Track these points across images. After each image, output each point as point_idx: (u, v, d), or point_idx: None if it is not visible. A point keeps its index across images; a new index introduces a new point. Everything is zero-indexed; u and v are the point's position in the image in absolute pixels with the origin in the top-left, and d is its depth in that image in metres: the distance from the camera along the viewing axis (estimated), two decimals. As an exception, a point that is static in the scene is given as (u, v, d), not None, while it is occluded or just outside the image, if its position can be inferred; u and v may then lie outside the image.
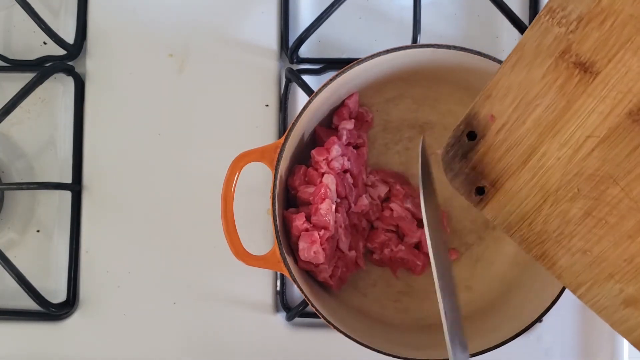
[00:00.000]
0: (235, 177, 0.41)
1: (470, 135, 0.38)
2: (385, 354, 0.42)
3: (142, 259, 0.52)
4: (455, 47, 0.41)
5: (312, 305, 0.42)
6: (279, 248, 0.42)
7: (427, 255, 0.48)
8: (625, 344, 0.49)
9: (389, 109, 0.50)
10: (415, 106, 0.50)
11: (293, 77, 0.50)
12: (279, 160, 0.42)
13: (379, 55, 0.41)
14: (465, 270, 0.50)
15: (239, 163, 0.42)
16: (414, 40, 0.47)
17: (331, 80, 0.41)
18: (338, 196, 0.45)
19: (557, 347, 0.50)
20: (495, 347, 0.43)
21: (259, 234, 0.51)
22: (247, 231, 0.43)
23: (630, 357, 0.49)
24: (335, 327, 0.42)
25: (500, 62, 0.41)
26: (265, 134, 0.51)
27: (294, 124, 0.42)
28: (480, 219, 0.51)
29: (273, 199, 0.42)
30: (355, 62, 0.41)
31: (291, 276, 0.42)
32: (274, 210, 0.42)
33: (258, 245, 0.51)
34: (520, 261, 0.49)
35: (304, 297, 0.42)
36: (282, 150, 0.42)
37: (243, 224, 0.43)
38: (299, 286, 0.42)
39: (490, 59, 0.41)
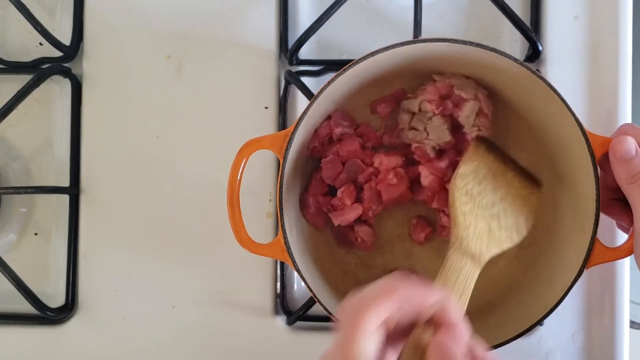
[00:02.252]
0: (243, 163, 0.41)
1: None
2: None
3: (140, 262, 0.51)
4: (470, 43, 0.41)
5: (314, 296, 0.42)
6: (284, 237, 0.41)
7: None
8: (626, 348, 0.49)
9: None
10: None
11: (292, 80, 0.49)
12: (287, 149, 0.41)
13: (394, 47, 0.41)
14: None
15: (247, 149, 0.41)
16: (415, 41, 0.47)
17: (344, 70, 0.41)
18: None
19: (558, 351, 0.50)
20: (495, 347, 0.42)
21: (261, 237, 0.51)
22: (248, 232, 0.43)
23: (631, 361, 0.50)
24: (336, 320, 0.42)
25: (515, 59, 0.41)
26: (264, 136, 0.51)
27: (304, 113, 0.41)
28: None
29: (280, 187, 0.41)
30: (370, 53, 0.41)
31: (294, 265, 0.41)
32: (280, 199, 0.41)
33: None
34: (523, 262, 0.49)
35: (306, 287, 0.42)
36: (291, 139, 0.41)
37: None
38: (301, 275, 0.42)
39: (505, 56, 0.41)
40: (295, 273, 0.48)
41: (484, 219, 0.43)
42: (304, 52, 0.52)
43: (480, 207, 0.44)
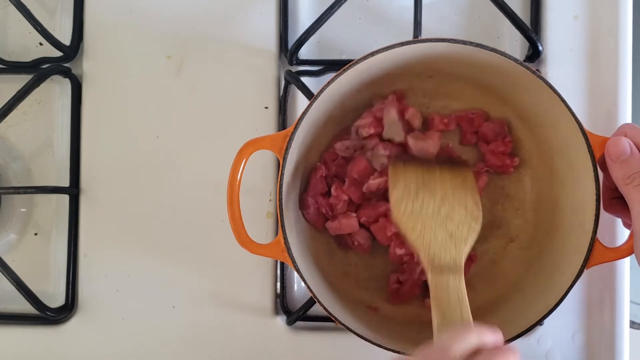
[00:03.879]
0: (243, 163, 0.41)
1: None
2: (386, 348, 0.42)
3: (141, 262, 0.51)
4: (470, 43, 0.41)
5: (314, 297, 0.42)
6: (284, 237, 0.41)
7: None
8: (626, 348, 0.49)
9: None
10: (426, 101, 0.50)
11: (292, 80, 0.49)
12: (287, 149, 0.41)
13: (394, 47, 0.41)
14: (467, 268, 0.50)
15: (247, 149, 0.41)
16: (415, 41, 0.47)
17: (343, 70, 0.41)
18: None
19: (558, 351, 0.50)
20: (495, 347, 0.42)
21: (261, 237, 0.51)
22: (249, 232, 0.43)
23: (631, 361, 0.50)
24: (336, 320, 0.42)
25: (515, 59, 0.41)
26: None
27: (304, 113, 0.41)
28: (485, 217, 0.50)
29: (280, 187, 0.41)
30: (370, 53, 0.41)
31: (294, 266, 0.41)
32: (280, 199, 0.42)
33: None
34: (523, 262, 0.49)
35: (306, 287, 0.42)
36: (291, 139, 0.41)
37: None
38: (301, 275, 0.42)
39: (505, 56, 0.41)
40: (295, 273, 0.48)
41: (439, 227, 0.43)
42: (304, 52, 0.52)
43: (429, 217, 0.43)
